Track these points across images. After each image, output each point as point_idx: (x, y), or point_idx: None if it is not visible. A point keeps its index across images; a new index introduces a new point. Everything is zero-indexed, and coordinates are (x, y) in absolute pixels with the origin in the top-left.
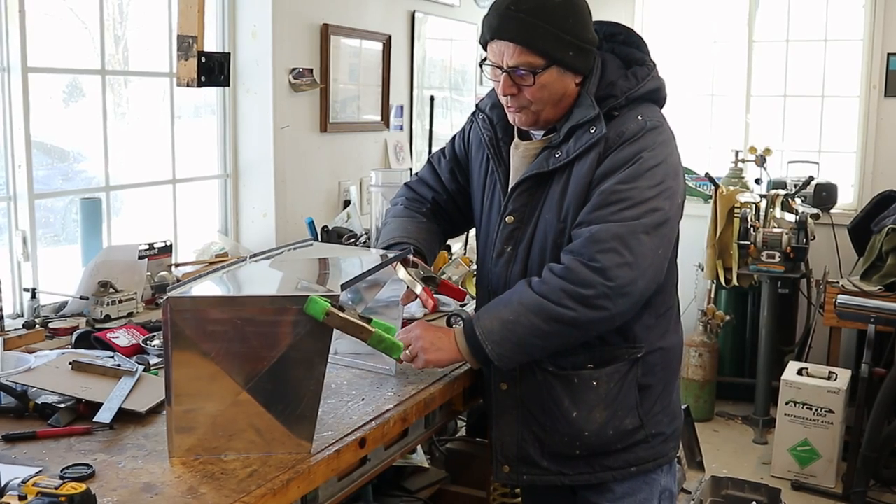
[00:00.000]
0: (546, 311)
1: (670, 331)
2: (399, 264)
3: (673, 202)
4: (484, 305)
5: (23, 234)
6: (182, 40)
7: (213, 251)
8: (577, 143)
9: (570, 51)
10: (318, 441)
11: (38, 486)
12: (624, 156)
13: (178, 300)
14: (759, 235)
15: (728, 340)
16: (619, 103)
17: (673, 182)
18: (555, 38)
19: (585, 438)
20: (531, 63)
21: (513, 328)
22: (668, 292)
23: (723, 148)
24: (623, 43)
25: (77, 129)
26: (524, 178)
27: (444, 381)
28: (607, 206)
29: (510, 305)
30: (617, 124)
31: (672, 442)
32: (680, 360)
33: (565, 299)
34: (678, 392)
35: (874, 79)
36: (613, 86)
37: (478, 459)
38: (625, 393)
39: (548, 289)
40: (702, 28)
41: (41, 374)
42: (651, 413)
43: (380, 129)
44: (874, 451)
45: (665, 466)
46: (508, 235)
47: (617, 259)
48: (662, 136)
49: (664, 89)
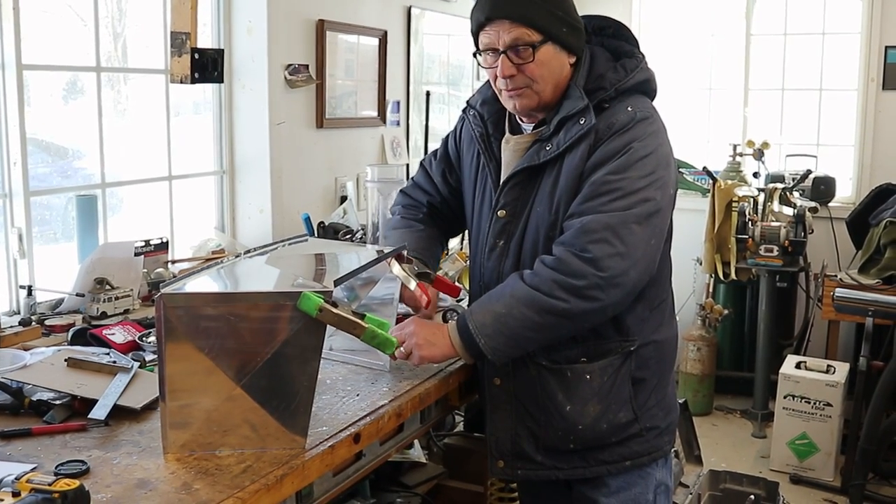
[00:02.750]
0: (538, 303)
1: (664, 323)
2: (394, 260)
3: (664, 192)
4: (477, 300)
5: (19, 232)
6: (175, 37)
7: (209, 248)
8: (567, 134)
9: (563, 27)
10: (312, 436)
11: (31, 483)
12: (614, 146)
13: (172, 297)
14: (757, 229)
15: (726, 334)
16: (608, 95)
17: (664, 172)
18: (548, 13)
19: (579, 432)
20: (529, 37)
21: (505, 321)
22: (661, 285)
23: (721, 142)
24: (612, 36)
25: (76, 126)
26: (515, 172)
27: (440, 376)
28: (598, 197)
29: (502, 299)
30: (607, 116)
31: (667, 436)
32: (674, 354)
33: (557, 290)
34: (673, 385)
35: (872, 72)
36: (602, 78)
37: (475, 454)
38: (618, 386)
39: (539, 280)
40: (699, 21)
41: (37, 371)
42: (645, 406)
43: (376, 125)
44: (873, 445)
45: (660, 460)
46: (501, 229)
47: (608, 249)
48: (653, 127)
49: (654, 81)
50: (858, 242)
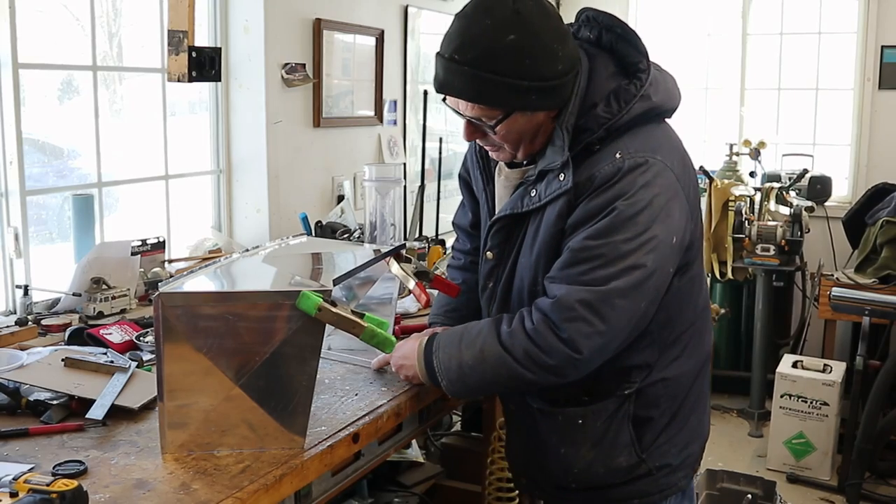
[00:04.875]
0: (506, 367)
1: (683, 356)
2: (392, 259)
3: (660, 252)
4: (450, 329)
5: (14, 231)
6: (173, 35)
7: (206, 247)
8: (549, 188)
9: (532, 95)
10: (311, 436)
11: (29, 483)
12: (595, 206)
13: (170, 296)
14: (753, 228)
15: (723, 334)
16: (598, 136)
17: (660, 227)
18: (509, 88)
19: (576, 475)
20: (488, 115)
21: (469, 373)
22: (676, 321)
23: (717, 141)
24: (621, 37)
25: (71, 126)
26: (499, 217)
27: None
28: (576, 265)
29: (472, 349)
30: (591, 164)
31: (682, 471)
32: (698, 385)
33: (527, 362)
34: (699, 412)
35: (868, 71)
36: (593, 113)
37: (473, 454)
38: (614, 431)
39: (513, 344)
40: (696, 21)
41: (34, 371)
42: (654, 446)
43: (373, 124)
44: (869, 444)
45: (672, 497)
46: (489, 272)
47: (585, 329)
48: (646, 176)
49: (663, 104)
50: (855, 242)
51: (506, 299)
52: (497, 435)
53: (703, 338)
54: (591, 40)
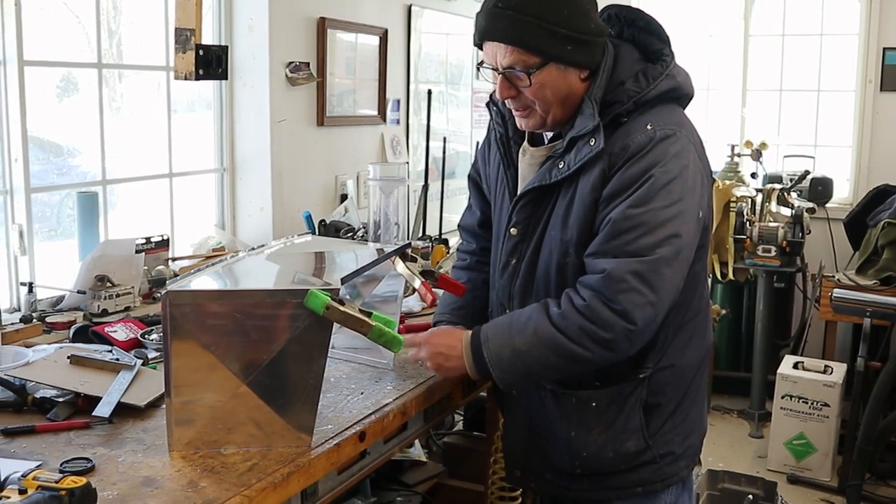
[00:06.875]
0: (561, 348)
1: (690, 345)
2: (398, 258)
3: (691, 225)
4: (494, 320)
5: (19, 228)
6: (180, 33)
7: (209, 245)
8: (578, 155)
9: (567, 45)
10: (318, 434)
11: (38, 480)
12: (632, 174)
13: (178, 294)
14: (754, 230)
15: (724, 334)
16: (626, 108)
17: (690, 199)
18: (548, 33)
19: (584, 459)
20: (525, 62)
21: (522, 358)
22: (686, 306)
23: (719, 142)
24: (643, 30)
25: (72, 123)
26: (527, 190)
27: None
28: (621, 235)
29: (524, 334)
30: (622, 135)
31: (684, 461)
32: (701, 375)
33: (584, 339)
34: (699, 405)
35: (870, 73)
36: (622, 88)
37: (475, 453)
38: (626, 415)
39: (567, 324)
40: (698, 22)
41: (39, 369)
42: (659, 433)
43: (376, 123)
44: (870, 445)
45: (674, 486)
46: (513, 248)
47: (639, 299)
48: (676, 147)
49: (685, 86)
50: (856, 243)
51: (529, 275)
52: (500, 434)
53: (706, 331)
54: (612, 36)
